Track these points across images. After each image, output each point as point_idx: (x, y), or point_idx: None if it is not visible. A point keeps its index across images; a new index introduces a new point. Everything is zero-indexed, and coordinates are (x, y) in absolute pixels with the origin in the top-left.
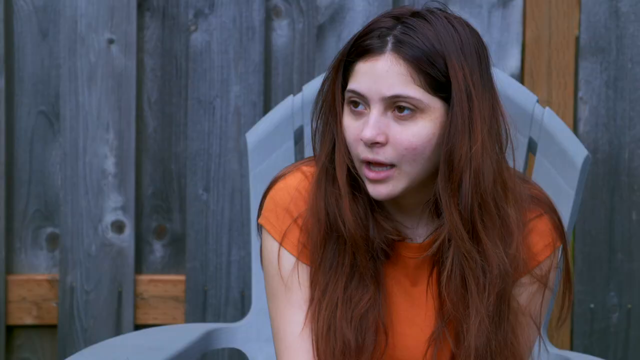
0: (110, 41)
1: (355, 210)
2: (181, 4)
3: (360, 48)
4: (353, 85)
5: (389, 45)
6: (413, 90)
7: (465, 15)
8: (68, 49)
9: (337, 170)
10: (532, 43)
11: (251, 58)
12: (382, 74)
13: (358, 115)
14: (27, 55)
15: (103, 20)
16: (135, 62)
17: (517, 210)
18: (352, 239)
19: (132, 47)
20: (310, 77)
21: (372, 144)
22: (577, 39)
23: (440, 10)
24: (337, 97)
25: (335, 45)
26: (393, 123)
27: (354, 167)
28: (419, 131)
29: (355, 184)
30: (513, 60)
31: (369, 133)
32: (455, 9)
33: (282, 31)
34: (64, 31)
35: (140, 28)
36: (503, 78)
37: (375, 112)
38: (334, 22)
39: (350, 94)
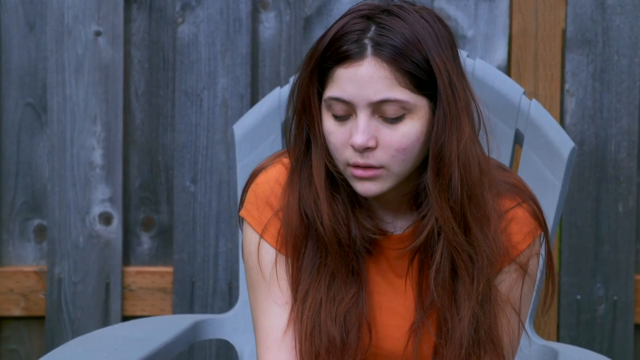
0: (98, 33)
1: (336, 211)
2: None
3: (338, 54)
4: (336, 92)
5: (369, 50)
6: (399, 93)
7: (452, 7)
8: (55, 41)
9: (314, 174)
10: (519, 35)
11: (238, 50)
12: (367, 80)
13: (342, 119)
14: (14, 47)
15: (90, 12)
16: (123, 54)
17: (492, 194)
18: (332, 242)
19: (119, 39)
20: (297, 69)
21: (363, 149)
22: (564, 31)
23: (406, 2)
24: (313, 102)
25: None
26: (381, 126)
27: (335, 170)
28: (408, 131)
29: (334, 184)
30: (500, 53)
31: (360, 139)
32: (442, 2)
33: (269, 23)
34: (50, 23)
35: (127, 20)
36: (490, 70)
37: (363, 117)
38: (320, 14)
39: (333, 101)
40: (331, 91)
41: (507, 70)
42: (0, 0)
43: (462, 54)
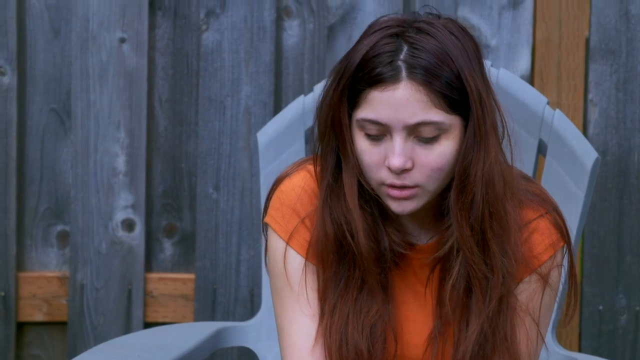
0: (122, 40)
1: (369, 226)
2: (193, 3)
3: (372, 77)
4: (371, 114)
5: (403, 73)
6: (435, 115)
7: (475, 17)
8: (80, 47)
9: (346, 191)
10: (542, 45)
11: (262, 58)
12: (403, 103)
13: (375, 139)
14: (39, 53)
15: (115, 19)
16: (147, 60)
17: (514, 205)
18: (366, 257)
19: (143, 45)
20: (320, 77)
21: (401, 171)
22: (587, 41)
23: (431, 14)
24: (343, 122)
25: (345, 46)
26: (417, 146)
27: (369, 187)
28: (444, 151)
29: (364, 200)
30: (523, 62)
31: (397, 162)
32: (465, 11)
33: (292, 31)
34: (75, 29)
35: (151, 27)
36: (513, 80)
37: (399, 139)
38: (344, 22)
39: (367, 123)
40: (365, 113)
41: (531, 79)
42: (26, 6)
43: (486, 63)
